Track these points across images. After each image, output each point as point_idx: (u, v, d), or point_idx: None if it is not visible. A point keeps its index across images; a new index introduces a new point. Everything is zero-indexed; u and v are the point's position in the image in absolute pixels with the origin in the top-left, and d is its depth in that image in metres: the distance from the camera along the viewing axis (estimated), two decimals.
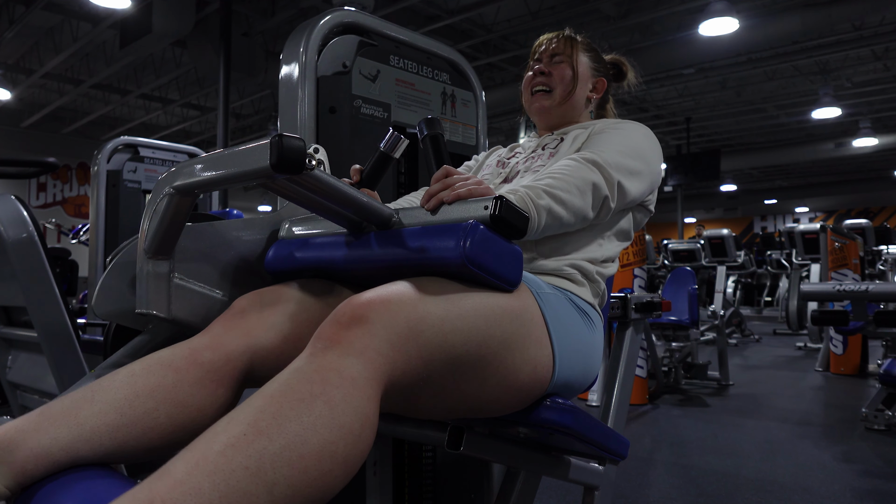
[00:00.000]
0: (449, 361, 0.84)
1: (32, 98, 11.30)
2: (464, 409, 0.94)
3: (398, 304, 0.81)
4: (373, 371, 0.75)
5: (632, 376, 1.43)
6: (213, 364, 0.91)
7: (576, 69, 1.31)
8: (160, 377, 0.87)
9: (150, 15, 6.89)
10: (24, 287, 2.12)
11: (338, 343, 0.76)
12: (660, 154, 1.24)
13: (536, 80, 1.33)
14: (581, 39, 1.36)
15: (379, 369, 0.76)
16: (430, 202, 0.93)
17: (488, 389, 0.91)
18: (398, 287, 0.84)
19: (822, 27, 7.73)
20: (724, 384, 4.51)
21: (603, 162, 1.08)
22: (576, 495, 2.15)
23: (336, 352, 0.75)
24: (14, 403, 2.61)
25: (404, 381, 0.80)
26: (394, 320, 0.79)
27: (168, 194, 0.95)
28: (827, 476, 2.48)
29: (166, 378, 0.87)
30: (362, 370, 0.75)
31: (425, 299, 0.83)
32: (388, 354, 0.77)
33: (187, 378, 0.88)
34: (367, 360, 0.75)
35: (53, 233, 6.46)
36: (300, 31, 1.43)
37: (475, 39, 8.72)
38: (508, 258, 0.91)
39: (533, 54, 1.37)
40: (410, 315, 0.81)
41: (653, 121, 12.91)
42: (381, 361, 0.77)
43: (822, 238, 5.21)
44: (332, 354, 0.75)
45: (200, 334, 0.96)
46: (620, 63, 1.43)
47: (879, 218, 18.47)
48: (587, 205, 1.05)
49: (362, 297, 0.81)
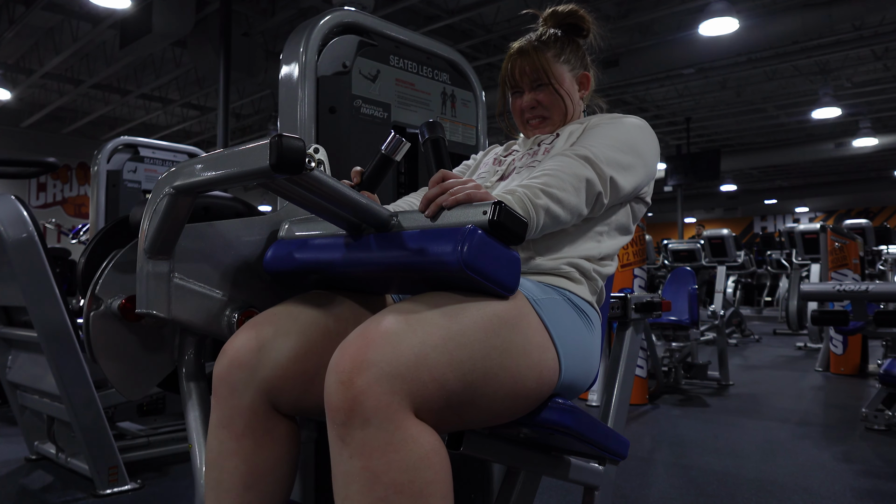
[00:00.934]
0: (461, 378, 0.83)
1: (32, 98, 11.30)
2: (480, 422, 0.94)
3: (396, 335, 0.80)
4: (395, 411, 0.77)
5: (632, 376, 1.43)
6: (256, 424, 0.98)
7: (562, 92, 1.26)
8: (241, 460, 0.97)
9: (150, 15, 6.89)
10: (24, 287, 2.12)
11: (352, 414, 0.77)
12: (655, 146, 1.23)
13: (528, 116, 1.30)
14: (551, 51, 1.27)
15: (400, 406, 0.77)
16: (430, 208, 0.92)
17: (499, 399, 0.90)
18: (391, 317, 0.83)
19: (822, 27, 7.73)
20: (724, 384, 4.51)
21: (594, 157, 1.08)
22: (576, 495, 2.15)
23: (357, 427, 0.77)
24: (14, 403, 2.61)
25: (427, 406, 0.80)
26: (396, 353, 0.79)
27: (168, 194, 0.95)
28: (827, 476, 2.48)
29: (236, 464, 0.98)
30: (388, 425, 0.76)
31: (423, 322, 0.83)
32: (402, 388, 0.78)
33: (249, 445, 0.98)
34: (385, 408, 0.76)
35: (53, 233, 6.46)
36: (300, 31, 1.42)
37: (475, 39, 8.73)
38: (506, 263, 0.90)
39: (508, 78, 1.29)
40: (412, 342, 0.80)
41: (653, 121, 12.86)
42: (398, 400, 0.77)
43: (822, 238, 5.21)
44: (356, 434, 0.77)
45: (219, 398, 1.00)
46: (579, 18, 1.30)
47: (879, 218, 18.48)
48: (581, 202, 1.05)
49: (357, 340, 0.80)
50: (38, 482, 2.41)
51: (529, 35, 1.32)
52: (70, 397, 2.13)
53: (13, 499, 2.24)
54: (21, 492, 2.31)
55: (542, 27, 1.33)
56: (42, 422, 2.60)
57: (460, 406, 0.85)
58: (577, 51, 1.32)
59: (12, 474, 2.50)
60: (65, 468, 2.50)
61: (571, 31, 1.32)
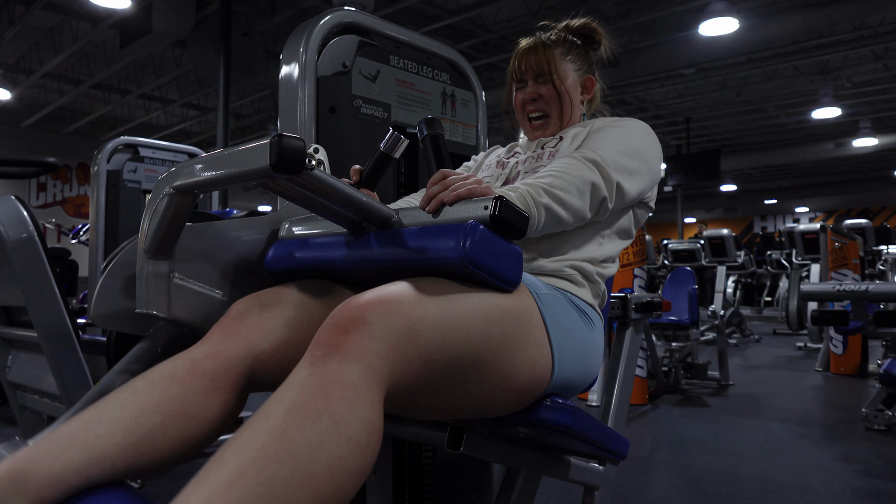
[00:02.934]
0: (449, 361, 0.84)
1: (32, 98, 11.30)
2: (464, 410, 0.94)
3: (396, 304, 0.80)
4: (373, 375, 0.75)
5: (632, 376, 1.43)
6: (214, 373, 0.90)
7: (562, 89, 1.27)
8: (164, 391, 0.87)
9: (150, 15, 6.89)
10: (24, 287, 2.12)
11: (336, 349, 0.75)
12: (659, 151, 1.24)
13: (529, 109, 1.30)
14: (559, 48, 1.30)
15: (380, 373, 0.76)
16: (431, 204, 0.92)
17: (487, 389, 0.91)
18: (396, 287, 0.84)
19: (822, 27, 7.74)
20: (724, 384, 4.51)
21: (602, 161, 1.08)
22: (576, 495, 2.15)
23: (335, 359, 0.75)
24: (14, 403, 2.61)
25: (405, 382, 0.80)
26: (392, 321, 0.79)
27: (168, 194, 0.95)
28: (827, 476, 2.48)
29: (170, 391, 0.87)
30: (363, 376, 0.74)
31: (424, 299, 0.83)
32: (388, 356, 0.77)
33: (191, 389, 0.88)
34: (368, 365, 0.75)
35: (53, 233, 6.46)
36: (300, 31, 1.42)
37: (475, 39, 8.73)
38: (508, 258, 0.91)
39: (515, 72, 1.32)
40: (409, 315, 0.80)
41: (653, 121, 12.89)
42: (381, 364, 0.76)
43: (822, 238, 5.21)
44: (332, 363, 0.74)
45: (200, 343, 0.95)
46: (591, 30, 1.34)
47: (879, 218, 18.48)
48: (585, 205, 1.05)
49: (360, 298, 0.81)
50: None
51: (539, 32, 1.34)
52: (70, 397, 2.13)
53: None
54: None
55: (555, 31, 1.35)
56: (42, 422, 2.60)
57: (443, 388, 0.85)
58: (585, 56, 1.34)
59: None
60: None
61: (583, 40, 1.34)
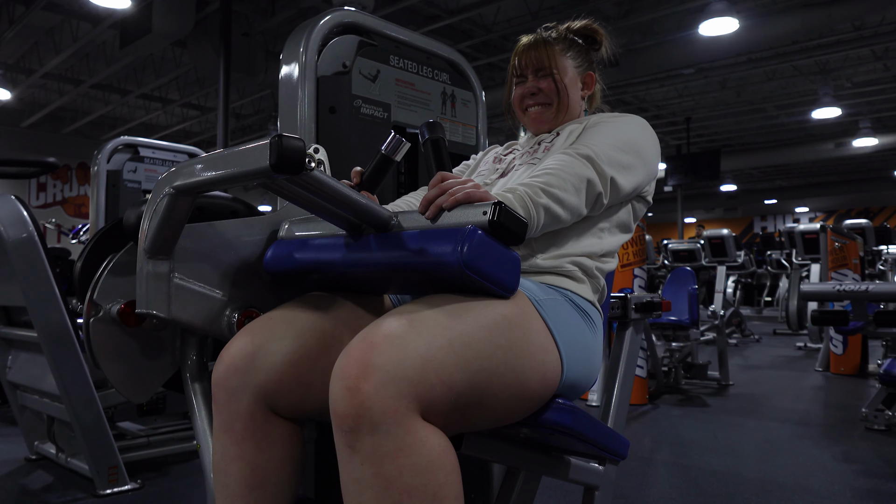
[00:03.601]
0: (467, 379, 0.83)
1: (32, 98, 11.30)
2: (484, 423, 0.94)
3: (401, 338, 0.79)
4: (405, 413, 0.76)
5: (632, 376, 1.43)
6: (255, 427, 0.99)
7: (562, 84, 1.28)
8: (244, 464, 0.98)
9: (150, 15, 6.89)
10: (24, 287, 2.12)
11: (360, 419, 0.76)
12: (656, 145, 1.23)
13: (528, 102, 1.31)
14: (559, 45, 1.30)
15: (409, 407, 0.77)
16: (430, 210, 0.91)
17: (504, 399, 0.90)
18: (394, 321, 0.82)
19: (822, 27, 7.73)
20: (724, 384, 4.51)
21: (596, 157, 1.08)
22: (576, 495, 2.15)
23: (366, 432, 0.76)
24: (14, 403, 2.61)
25: (434, 408, 0.80)
26: (403, 356, 0.78)
27: (168, 194, 0.95)
28: (827, 476, 2.48)
29: (244, 462, 0.98)
30: (398, 427, 0.75)
31: (426, 325, 0.82)
32: (410, 392, 0.77)
33: (250, 448, 0.99)
34: (394, 411, 0.75)
35: (53, 233, 6.45)
36: (300, 31, 1.42)
37: (475, 39, 8.72)
38: (506, 264, 0.90)
39: (515, 69, 1.32)
40: (418, 345, 0.79)
41: (653, 121, 12.80)
42: (406, 402, 0.76)
43: (822, 238, 5.20)
44: (367, 441, 0.76)
45: (218, 403, 1.00)
46: (593, 31, 1.36)
47: (879, 218, 18.48)
48: (582, 202, 1.05)
49: (361, 343, 0.80)
50: (38, 482, 2.41)
51: (540, 30, 1.35)
52: (70, 397, 2.13)
53: (13, 499, 2.24)
54: (21, 492, 2.31)
55: (557, 31, 1.35)
56: (42, 422, 2.60)
57: (467, 407, 0.85)
58: (586, 54, 1.35)
59: (12, 474, 2.50)
60: (65, 468, 2.50)
61: (585, 41, 1.35)
